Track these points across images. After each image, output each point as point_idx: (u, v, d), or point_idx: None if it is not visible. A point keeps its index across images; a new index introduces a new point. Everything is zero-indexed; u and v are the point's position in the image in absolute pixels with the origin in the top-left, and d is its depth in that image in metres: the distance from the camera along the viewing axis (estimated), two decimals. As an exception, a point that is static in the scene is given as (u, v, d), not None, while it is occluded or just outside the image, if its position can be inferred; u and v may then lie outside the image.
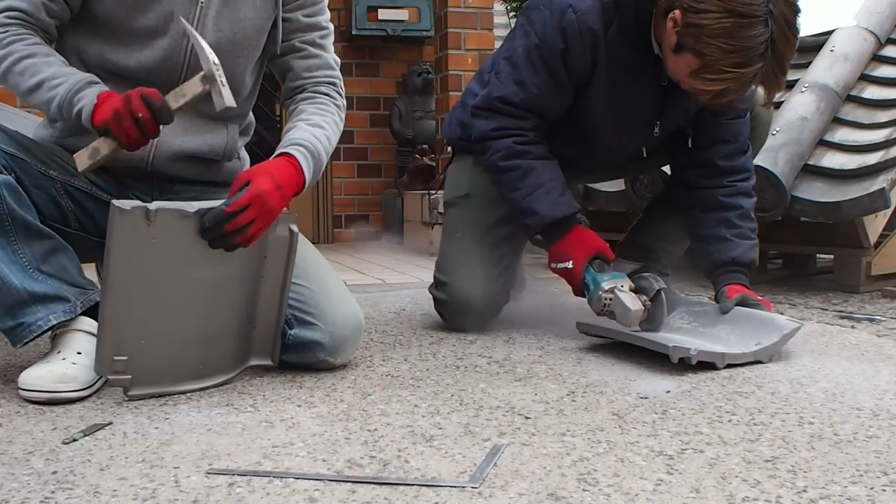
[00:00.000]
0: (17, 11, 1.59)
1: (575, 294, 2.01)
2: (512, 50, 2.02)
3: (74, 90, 1.53)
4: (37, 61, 1.56)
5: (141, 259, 1.42)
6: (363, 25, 5.13)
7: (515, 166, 2.00)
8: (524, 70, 1.98)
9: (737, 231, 2.05)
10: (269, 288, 1.61)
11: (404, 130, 5.21)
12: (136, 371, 1.47)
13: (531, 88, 1.98)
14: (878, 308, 2.52)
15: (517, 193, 2.01)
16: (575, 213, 1.98)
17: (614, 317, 1.89)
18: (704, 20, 1.68)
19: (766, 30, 1.66)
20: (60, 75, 1.55)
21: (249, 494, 1.06)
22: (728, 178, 2.09)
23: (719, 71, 1.70)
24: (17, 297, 1.51)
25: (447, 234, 2.26)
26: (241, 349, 1.62)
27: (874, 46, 3.27)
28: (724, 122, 2.07)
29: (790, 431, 1.31)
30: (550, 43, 1.93)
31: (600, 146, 2.12)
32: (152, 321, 1.46)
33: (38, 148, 1.64)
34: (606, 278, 1.90)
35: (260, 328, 1.63)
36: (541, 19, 1.94)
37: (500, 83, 2.02)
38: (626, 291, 1.88)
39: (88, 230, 1.69)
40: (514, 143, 2.01)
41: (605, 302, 1.89)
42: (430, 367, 1.76)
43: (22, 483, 1.10)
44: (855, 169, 2.76)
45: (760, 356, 1.77)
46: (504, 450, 1.22)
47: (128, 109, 1.48)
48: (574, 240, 1.97)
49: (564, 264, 1.97)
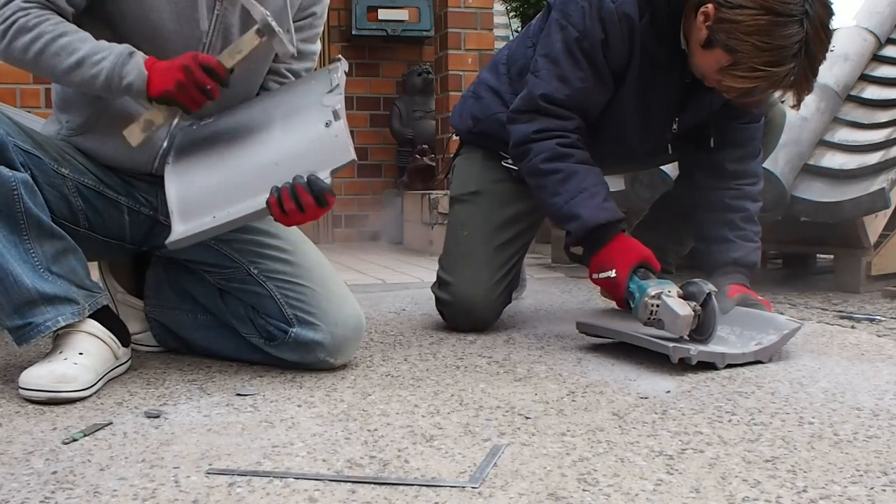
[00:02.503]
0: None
1: (619, 306, 1.90)
2: (549, 46, 1.95)
3: (120, 64, 1.53)
4: (71, 39, 1.53)
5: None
6: (363, 25, 5.13)
7: (558, 169, 1.91)
8: (565, 65, 1.92)
9: (740, 233, 2.05)
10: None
11: (404, 130, 5.21)
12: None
13: (575, 83, 1.92)
14: (878, 308, 2.52)
15: (559, 198, 1.90)
16: (619, 220, 1.88)
17: (662, 326, 1.77)
18: (739, 16, 1.67)
19: (801, 30, 1.65)
20: (99, 50, 1.53)
21: (249, 494, 1.06)
22: (736, 181, 2.08)
23: (751, 69, 1.69)
24: (28, 296, 1.51)
25: (452, 231, 2.23)
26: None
27: (874, 46, 3.27)
28: (737, 126, 2.07)
29: (790, 431, 1.31)
30: (591, 34, 1.89)
31: (617, 141, 2.07)
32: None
33: (50, 145, 1.64)
34: (652, 284, 1.79)
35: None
36: (578, 11, 1.90)
37: (541, 81, 1.94)
38: (675, 297, 1.76)
39: (96, 229, 1.69)
40: (557, 144, 1.92)
41: (651, 309, 1.77)
42: (430, 367, 1.76)
43: (22, 483, 1.10)
44: (855, 169, 2.76)
45: (760, 356, 1.76)
46: (504, 450, 1.22)
47: (191, 79, 1.51)
48: (617, 247, 1.86)
49: (607, 273, 1.84)
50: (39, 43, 1.53)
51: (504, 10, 5.69)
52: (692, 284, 1.81)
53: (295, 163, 1.51)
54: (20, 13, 1.53)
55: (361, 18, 5.12)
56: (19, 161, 1.52)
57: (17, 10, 1.53)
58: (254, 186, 1.51)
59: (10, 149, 1.51)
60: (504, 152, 2.18)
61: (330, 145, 1.51)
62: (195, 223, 1.53)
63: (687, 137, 2.11)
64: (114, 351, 1.60)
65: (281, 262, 1.72)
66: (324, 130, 1.52)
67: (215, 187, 1.56)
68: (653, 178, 2.89)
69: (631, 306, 1.82)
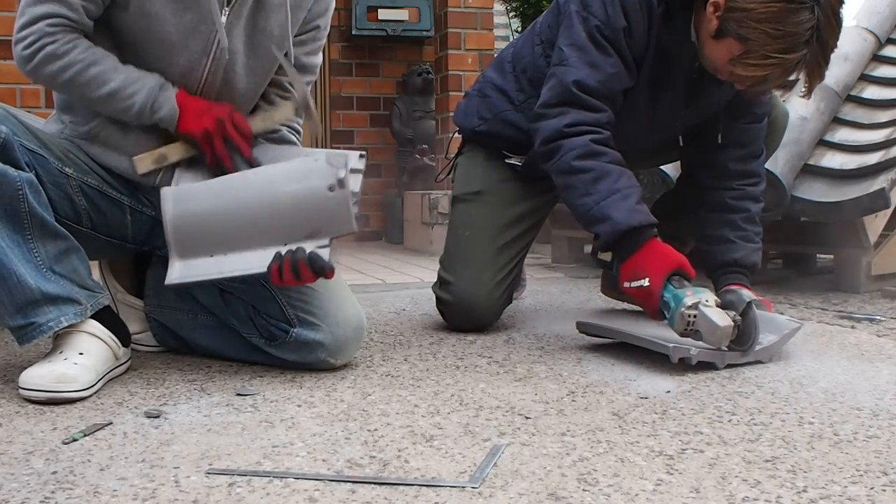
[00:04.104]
0: (59, 17, 1.56)
1: (652, 317, 1.78)
2: (573, 36, 1.90)
3: (152, 98, 1.59)
4: (103, 69, 1.58)
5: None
6: (363, 25, 5.13)
7: (590, 167, 1.83)
8: (593, 52, 1.87)
9: (741, 234, 2.04)
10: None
11: (404, 130, 5.20)
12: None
13: (606, 68, 1.87)
14: (878, 308, 2.52)
15: (589, 198, 1.81)
16: (652, 224, 1.79)
17: (700, 337, 1.69)
18: (750, 4, 1.67)
19: (812, 17, 1.64)
20: (131, 82, 1.59)
21: (249, 494, 1.06)
22: (738, 181, 2.08)
23: (763, 56, 1.68)
24: (30, 296, 1.51)
25: (454, 230, 2.22)
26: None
27: (874, 46, 3.27)
28: (740, 126, 2.06)
29: (790, 431, 1.31)
30: (613, 22, 1.86)
31: (626, 135, 1.99)
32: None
33: (55, 144, 1.64)
34: (689, 293, 1.70)
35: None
36: (598, 2, 1.88)
37: (571, 68, 1.88)
38: (713, 307, 1.69)
39: (99, 228, 1.70)
40: (591, 140, 1.85)
41: (688, 320, 1.68)
42: (430, 367, 1.76)
43: (22, 483, 1.10)
44: (855, 169, 2.76)
45: (760, 356, 1.77)
46: (504, 450, 1.22)
47: (220, 131, 1.56)
48: (651, 253, 1.76)
49: (640, 282, 1.74)
50: (70, 72, 1.57)
51: (504, 10, 5.69)
52: (730, 293, 1.79)
53: (295, 221, 1.50)
54: (47, 39, 1.55)
55: (361, 18, 5.12)
56: (24, 161, 1.52)
57: (43, 34, 1.55)
58: (253, 238, 1.53)
59: (16, 149, 1.51)
60: (509, 151, 2.18)
61: (332, 211, 1.48)
62: (193, 263, 1.58)
63: (693, 135, 2.10)
64: (114, 351, 1.60)
65: None
66: (328, 195, 1.47)
67: (215, 226, 1.57)
68: (653, 178, 2.89)
69: (666, 316, 1.74)
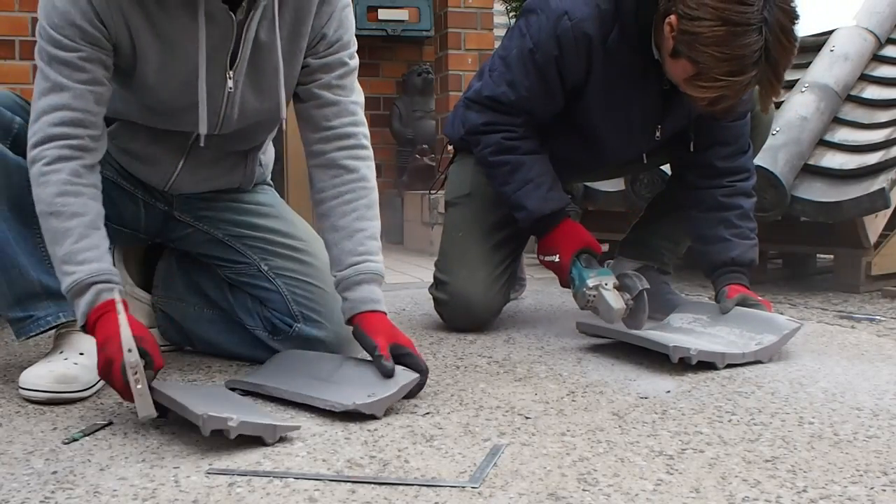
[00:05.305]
0: (65, 111, 1.41)
1: (562, 285, 2.07)
2: (508, 50, 2.03)
3: (74, 291, 1.38)
4: (58, 227, 1.40)
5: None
6: (363, 25, 5.12)
7: (505, 161, 2.04)
8: (516, 72, 2.00)
9: (736, 231, 2.05)
10: None
11: (404, 130, 5.20)
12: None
13: (521, 91, 2.00)
14: (878, 308, 2.52)
15: (507, 188, 2.05)
16: (563, 208, 2.03)
17: (598, 313, 1.96)
18: (698, 28, 1.68)
19: (759, 38, 1.65)
20: (70, 261, 1.38)
21: (249, 494, 1.06)
22: (727, 178, 2.08)
23: (713, 79, 1.70)
24: (31, 288, 1.50)
25: (448, 233, 2.26)
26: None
27: (874, 46, 3.27)
28: (723, 125, 2.07)
29: (790, 431, 1.31)
30: (544, 49, 1.94)
31: (601, 148, 2.13)
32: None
33: None
34: (592, 275, 1.95)
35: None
36: (537, 24, 1.94)
37: (492, 82, 2.05)
38: (611, 289, 1.93)
39: (112, 218, 1.66)
40: (503, 139, 2.04)
41: (588, 298, 1.95)
42: (430, 366, 1.76)
43: (22, 483, 1.10)
44: (855, 169, 2.76)
45: (760, 356, 1.77)
46: (504, 450, 1.22)
47: (118, 375, 1.29)
48: (562, 234, 2.02)
49: (552, 257, 2.03)
50: (38, 206, 1.42)
51: (504, 10, 5.68)
52: (628, 278, 1.96)
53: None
54: (40, 163, 1.41)
55: (361, 18, 5.11)
56: None
57: (40, 148, 1.41)
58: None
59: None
60: None
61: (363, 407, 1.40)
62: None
63: (670, 142, 2.13)
64: (114, 351, 1.59)
65: (292, 261, 1.75)
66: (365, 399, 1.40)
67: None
68: (653, 178, 2.88)
69: (572, 289, 2.01)
